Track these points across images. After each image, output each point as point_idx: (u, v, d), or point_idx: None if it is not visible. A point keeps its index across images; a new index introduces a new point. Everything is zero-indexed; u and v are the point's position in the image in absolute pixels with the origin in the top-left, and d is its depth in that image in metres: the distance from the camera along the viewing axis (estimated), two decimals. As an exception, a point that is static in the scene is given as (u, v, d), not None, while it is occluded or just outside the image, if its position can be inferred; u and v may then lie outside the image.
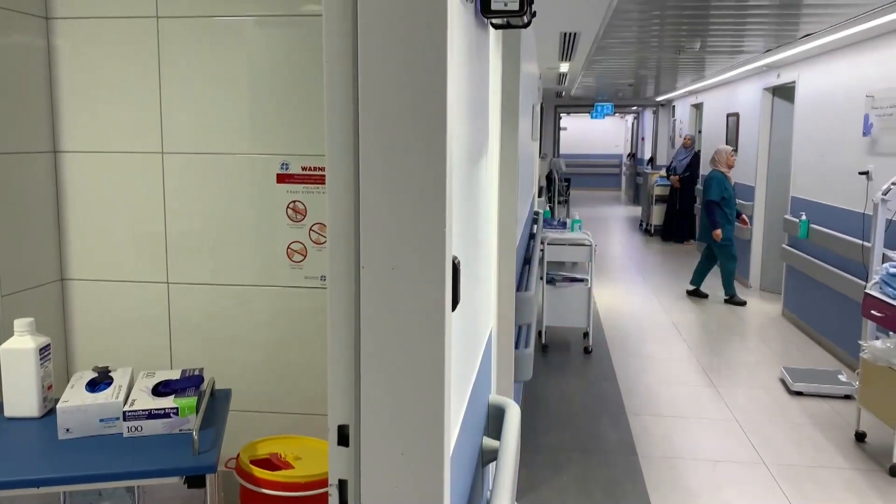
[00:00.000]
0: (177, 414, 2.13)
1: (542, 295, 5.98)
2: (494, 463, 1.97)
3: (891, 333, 3.98)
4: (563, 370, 5.59)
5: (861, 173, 5.46)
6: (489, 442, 2.13)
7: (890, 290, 3.91)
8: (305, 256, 2.70)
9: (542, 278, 5.96)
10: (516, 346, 3.55)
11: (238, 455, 2.37)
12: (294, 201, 2.68)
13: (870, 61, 5.45)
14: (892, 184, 4.88)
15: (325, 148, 1.31)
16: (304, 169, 2.65)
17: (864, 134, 5.45)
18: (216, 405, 2.31)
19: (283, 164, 2.66)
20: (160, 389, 2.22)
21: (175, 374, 2.33)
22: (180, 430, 2.13)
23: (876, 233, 4.88)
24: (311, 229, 2.69)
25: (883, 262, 4.55)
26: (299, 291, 2.72)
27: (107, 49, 2.68)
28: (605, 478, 3.81)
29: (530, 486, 3.70)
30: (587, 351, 6.02)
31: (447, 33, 1.25)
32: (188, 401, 2.15)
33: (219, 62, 2.65)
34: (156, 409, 2.12)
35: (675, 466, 3.94)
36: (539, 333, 6.09)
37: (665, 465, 3.96)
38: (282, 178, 2.67)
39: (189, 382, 2.27)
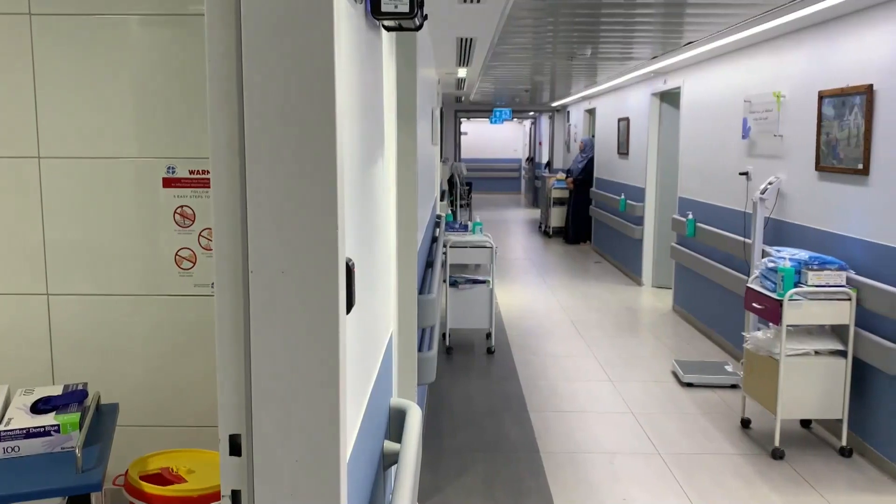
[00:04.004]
0: (58, 431, 2.01)
1: (445, 297, 6.02)
2: (396, 466, 1.97)
3: (770, 325, 4.22)
4: (466, 371, 5.65)
5: (741, 174, 5.78)
6: (390, 445, 2.13)
7: (769, 283, 4.15)
8: (195, 263, 2.61)
9: (445, 281, 6.00)
10: (419, 349, 3.55)
11: (127, 471, 2.27)
12: (182, 206, 2.59)
13: (746, 68, 5.77)
14: (769, 184, 5.19)
15: (209, 150, 1.27)
16: (191, 172, 2.57)
17: (743, 137, 5.77)
18: (102, 420, 2.21)
19: (169, 168, 2.57)
20: (40, 406, 2.10)
21: (57, 390, 2.21)
22: (62, 449, 2.01)
23: (756, 230, 5.18)
24: (200, 235, 2.61)
25: (762, 258, 4.82)
26: (189, 300, 2.63)
27: (-26, 47, 2.51)
28: (508, 476, 3.87)
29: (435, 489, 3.71)
30: (490, 351, 6.10)
31: (334, 33, 1.24)
32: (70, 417, 2.04)
33: (100, 62, 2.53)
34: (34, 428, 2.00)
35: (575, 461, 4.04)
36: (443, 336, 6.13)
37: (566, 460, 4.06)
38: (168, 183, 2.57)
39: (72, 398, 2.15)
